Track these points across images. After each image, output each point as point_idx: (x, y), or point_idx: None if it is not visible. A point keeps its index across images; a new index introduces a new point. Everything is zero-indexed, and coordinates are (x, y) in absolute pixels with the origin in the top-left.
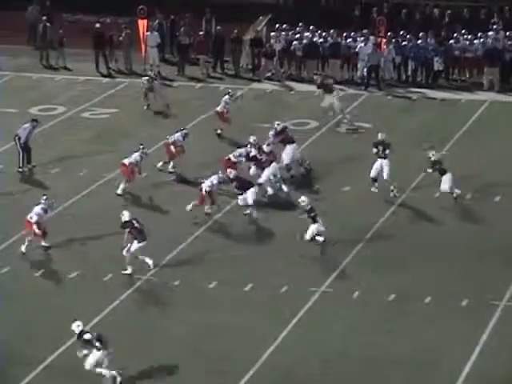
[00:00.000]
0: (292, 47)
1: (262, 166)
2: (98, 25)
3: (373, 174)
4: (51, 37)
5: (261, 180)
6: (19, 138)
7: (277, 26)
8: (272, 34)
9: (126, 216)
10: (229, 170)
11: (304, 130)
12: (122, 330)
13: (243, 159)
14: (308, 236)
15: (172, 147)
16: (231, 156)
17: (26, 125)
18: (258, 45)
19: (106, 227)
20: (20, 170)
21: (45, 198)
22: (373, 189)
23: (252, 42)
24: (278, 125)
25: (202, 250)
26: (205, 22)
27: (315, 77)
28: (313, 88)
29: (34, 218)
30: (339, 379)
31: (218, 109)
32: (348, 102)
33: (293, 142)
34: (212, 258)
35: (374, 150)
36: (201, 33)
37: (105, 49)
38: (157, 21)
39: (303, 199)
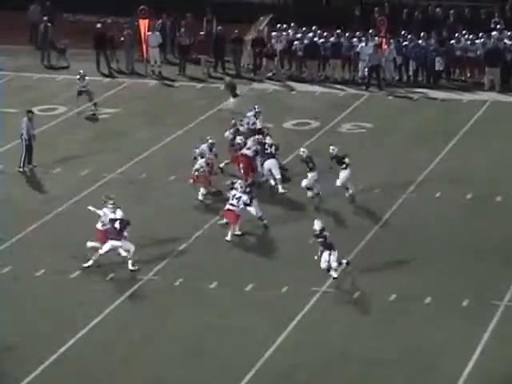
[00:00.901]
0: (293, 47)
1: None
2: (99, 25)
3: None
4: (52, 37)
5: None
6: (21, 135)
7: (278, 25)
8: (273, 34)
9: (118, 214)
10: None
11: (305, 131)
12: (123, 329)
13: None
14: (322, 265)
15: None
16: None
17: (23, 119)
18: (260, 45)
19: None
20: (21, 170)
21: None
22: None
23: (253, 42)
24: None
25: (203, 250)
26: (206, 22)
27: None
28: (314, 88)
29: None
30: (340, 379)
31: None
32: (349, 101)
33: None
34: (213, 258)
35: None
36: (202, 33)
37: (106, 49)
38: (160, 21)
39: (317, 223)
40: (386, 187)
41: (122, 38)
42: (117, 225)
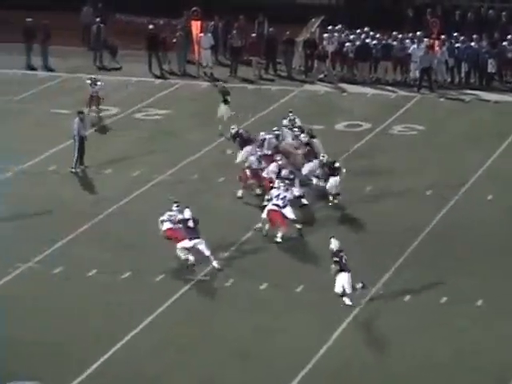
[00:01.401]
0: (344, 49)
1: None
2: (151, 26)
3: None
4: (105, 38)
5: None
6: (74, 136)
7: (329, 27)
8: (325, 35)
9: (186, 214)
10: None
11: (356, 132)
12: (173, 330)
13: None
14: (337, 289)
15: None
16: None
17: (75, 120)
18: (312, 46)
19: (158, 228)
20: (73, 170)
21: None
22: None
23: (305, 44)
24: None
25: (253, 251)
26: (257, 24)
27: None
28: (365, 90)
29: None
30: (391, 382)
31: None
32: (400, 103)
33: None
34: (263, 260)
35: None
36: (253, 34)
37: (158, 50)
38: (212, 22)
39: (334, 242)
40: (438, 189)
41: (175, 40)
42: (190, 224)
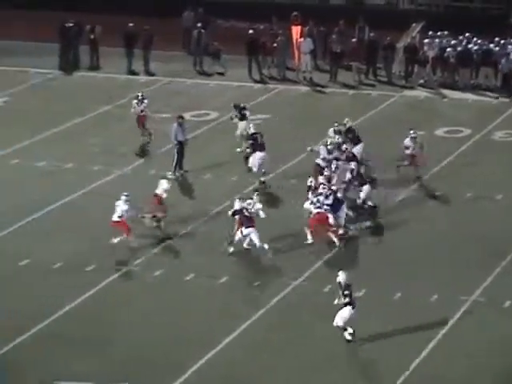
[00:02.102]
0: (445, 54)
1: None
2: (251, 31)
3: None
4: (205, 43)
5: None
6: (173, 141)
7: (430, 32)
8: (425, 40)
9: (236, 205)
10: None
11: (457, 138)
12: (270, 333)
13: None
14: (339, 322)
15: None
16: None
17: (173, 124)
18: (412, 52)
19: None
20: (172, 175)
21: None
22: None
23: (406, 49)
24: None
25: (351, 255)
26: (358, 29)
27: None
28: (466, 95)
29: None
30: None
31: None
32: (502, 109)
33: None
34: (362, 265)
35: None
36: (354, 39)
37: (258, 55)
38: (311, 27)
39: (342, 275)
40: None
41: (275, 44)
42: (246, 213)
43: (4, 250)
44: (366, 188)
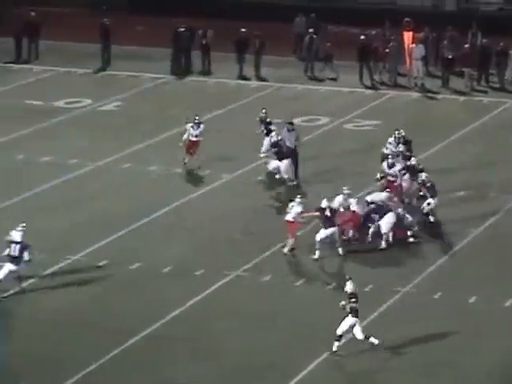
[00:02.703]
0: None
1: None
2: (362, 36)
3: None
4: (317, 48)
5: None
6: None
7: None
8: None
9: (323, 203)
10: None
11: None
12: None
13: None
14: (339, 331)
15: None
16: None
17: (283, 130)
18: None
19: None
20: (290, 182)
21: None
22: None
23: None
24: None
25: (464, 261)
26: (471, 35)
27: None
28: None
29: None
30: None
31: None
32: None
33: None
34: (473, 270)
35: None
36: (466, 45)
37: (369, 60)
38: (423, 33)
39: (349, 284)
40: None
41: (387, 50)
42: (327, 212)
43: (116, 254)
44: (433, 201)
